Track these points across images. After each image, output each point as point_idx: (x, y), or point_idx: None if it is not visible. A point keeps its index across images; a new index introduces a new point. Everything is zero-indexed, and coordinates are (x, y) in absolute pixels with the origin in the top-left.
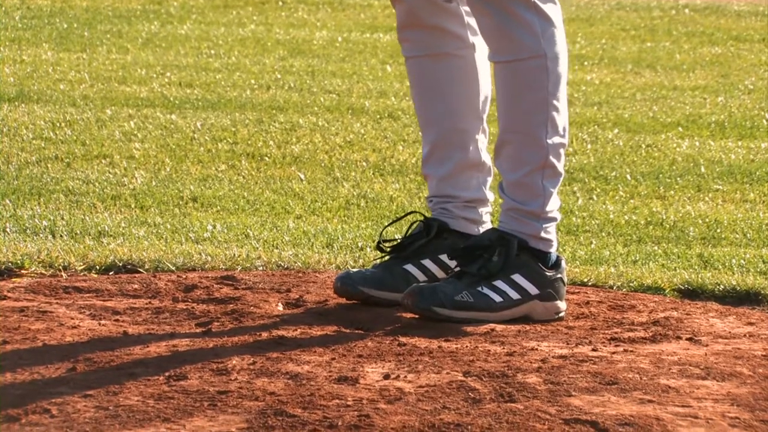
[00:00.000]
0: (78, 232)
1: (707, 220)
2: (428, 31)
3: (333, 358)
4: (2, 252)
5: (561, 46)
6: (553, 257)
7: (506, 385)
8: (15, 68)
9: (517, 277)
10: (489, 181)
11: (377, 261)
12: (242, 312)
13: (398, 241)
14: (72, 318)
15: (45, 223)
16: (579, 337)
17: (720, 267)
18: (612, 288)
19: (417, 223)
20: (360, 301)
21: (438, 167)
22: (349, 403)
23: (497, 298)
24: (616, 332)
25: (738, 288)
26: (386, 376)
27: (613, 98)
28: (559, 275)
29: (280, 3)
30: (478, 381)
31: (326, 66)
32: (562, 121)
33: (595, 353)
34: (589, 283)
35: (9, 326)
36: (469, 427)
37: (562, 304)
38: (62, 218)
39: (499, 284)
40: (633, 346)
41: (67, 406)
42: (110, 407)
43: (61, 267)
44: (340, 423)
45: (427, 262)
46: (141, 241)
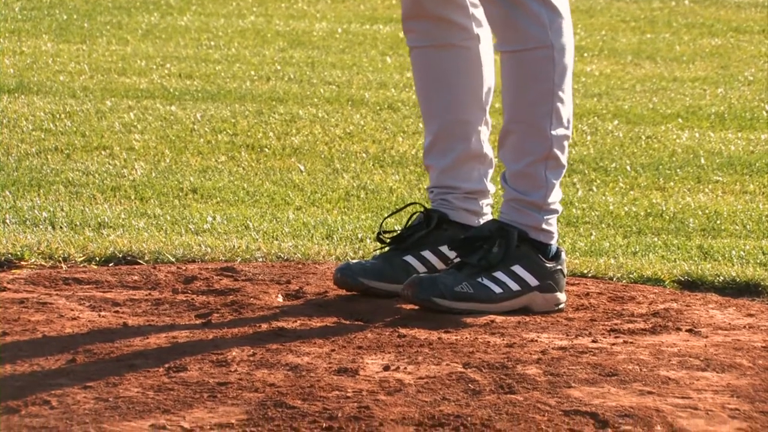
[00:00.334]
0: (78, 223)
1: (707, 211)
2: (433, 21)
3: (333, 350)
4: (2, 243)
5: (568, 37)
6: (554, 249)
7: (506, 377)
8: (15, 59)
9: (517, 269)
10: (490, 172)
11: (377, 252)
12: (242, 303)
13: (398, 232)
14: (72, 309)
15: (45, 214)
16: (579, 328)
17: (720, 258)
18: (612, 279)
19: (417, 214)
20: (360, 293)
21: (440, 158)
22: (348, 394)
23: (497, 290)
24: (615, 324)
25: (738, 279)
26: (386, 368)
27: (612, 89)
28: (559, 267)
29: None
30: (477, 372)
31: (326, 57)
32: (566, 112)
33: (594, 345)
34: (589, 275)
35: (9, 318)
36: (469, 418)
37: (561, 296)
38: (62, 209)
39: (499, 275)
40: (633, 338)
41: (67, 397)
42: (110, 398)
43: (60, 258)
44: (339, 414)
45: (427, 254)
46: (141, 233)
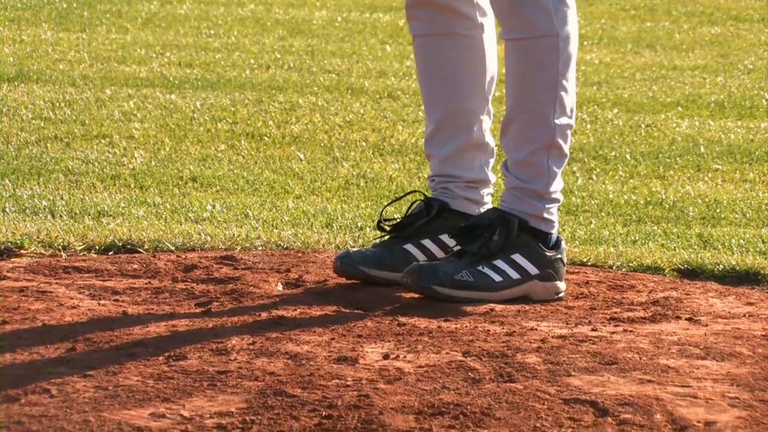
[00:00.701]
0: (77, 212)
1: (707, 200)
2: (437, 10)
3: (332, 338)
4: (2, 232)
5: (573, 26)
6: (554, 237)
7: (506, 365)
8: (14, 48)
9: (517, 257)
10: (491, 162)
11: (377, 240)
12: (242, 292)
13: (398, 220)
14: (71, 298)
15: (44, 203)
16: (578, 317)
17: (719, 247)
18: (611, 268)
19: (417, 202)
20: (360, 281)
21: (441, 147)
22: (348, 383)
23: (497, 278)
24: (615, 312)
25: (737, 268)
26: (386, 356)
27: (612, 78)
28: (559, 255)
29: None
30: (477, 361)
31: (326, 46)
32: (569, 102)
33: (594, 333)
34: (589, 263)
35: (8, 306)
36: (469, 407)
37: (561, 284)
38: (62, 198)
39: (499, 264)
40: (632, 326)
41: (67, 386)
42: (110, 387)
43: (60, 247)
44: (339, 403)
45: (427, 242)
46: (140, 221)
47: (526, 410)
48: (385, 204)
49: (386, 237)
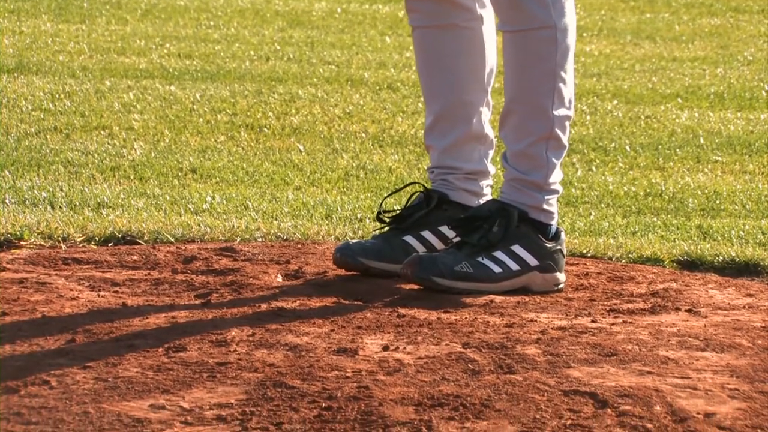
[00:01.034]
0: (77, 203)
1: (706, 191)
2: (436, 1)
3: (332, 330)
4: (1, 223)
5: (570, 18)
6: (553, 229)
7: (505, 357)
8: (14, 39)
9: (516, 248)
10: (491, 153)
11: (377, 232)
12: (241, 283)
13: (398, 212)
14: (71, 289)
15: (44, 194)
16: (578, 308)
17: (719, 238)
18: (611, 259)
19: (417, 194)
20: (359, 273)
21: (441, 138)
22: (348, 374)
23: (496, 269)
24: (615, 304)
25: (737, 259)
26: (385, 348)
27: (612, 69)
28: (558, 247)
29: None
30: (477, 352)
31: (325, 37)
32: (568, 93)
33: (594, 325)
34: (589, 255)
35: (8, 297)
36: (468, 398)
37: (561, 276)
38: (61, 189)
39: (499, 255)
40: (632, 318)
41: (66, 377)
42: (109, 378)
43: (60, 238)
44: (339, 394)
45: (426, 234)
46: (140, 213)
47: (525, 402)
48: (385, 195)
49: (386, 228)
